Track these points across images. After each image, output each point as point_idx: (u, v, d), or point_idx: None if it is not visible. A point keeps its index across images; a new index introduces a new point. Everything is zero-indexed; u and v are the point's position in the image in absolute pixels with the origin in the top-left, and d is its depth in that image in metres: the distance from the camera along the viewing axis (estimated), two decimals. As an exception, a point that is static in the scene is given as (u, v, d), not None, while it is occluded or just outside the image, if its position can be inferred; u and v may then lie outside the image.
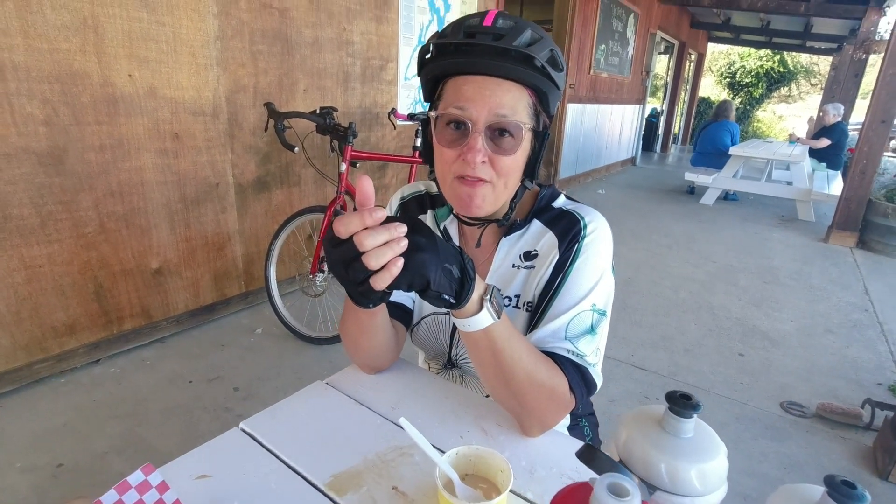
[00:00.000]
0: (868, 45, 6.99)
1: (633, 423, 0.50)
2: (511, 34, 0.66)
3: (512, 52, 0.66)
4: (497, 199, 0.73)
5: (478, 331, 0.62)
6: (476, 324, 0.61)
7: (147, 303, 2.25)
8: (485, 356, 0.65)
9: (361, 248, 0.50)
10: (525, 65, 0.67)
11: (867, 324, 3.02)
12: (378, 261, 0.50)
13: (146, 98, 2.04)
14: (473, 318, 0.61)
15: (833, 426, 2.04)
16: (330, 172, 2.56)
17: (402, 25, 3.26)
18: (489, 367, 0.66)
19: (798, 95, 19.78)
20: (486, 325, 0.61)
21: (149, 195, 2.14)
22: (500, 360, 0.65)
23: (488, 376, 0.68)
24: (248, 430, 0.72)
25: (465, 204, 0.72)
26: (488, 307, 0.61)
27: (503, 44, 0.66)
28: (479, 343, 0.64)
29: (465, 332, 0.63)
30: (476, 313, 0.61)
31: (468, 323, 0.61)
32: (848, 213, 4.60)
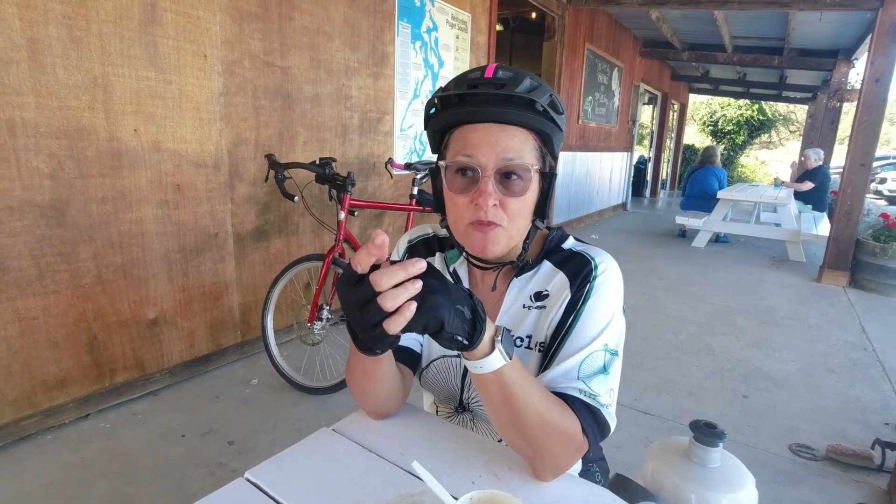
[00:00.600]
0: (841, 94, 7.34)
1: (659, 454, 0.49)
2: (512, 83, 0.70)
3: (514, 99, 0.70)
4: (510, 241, 0.75)
5: (489, 373, 0.61)
6: (488, 365, 0.61)
7: (141, 354, 2.21)
8: (496, 399, 0.65)
9: (378, 287, 0.50)
10: (527, 109, 0.71)
11: (868, 363, 3.00)
12: (394, 302, 0.50)
13: (150, 152, 2.09)
14: (485, 360, 0.60)
15: (845, 468, 1.99)
16: (328, 221, 2.59)
17: (399, 80, 3.40)
18: (501, 410, 0.65)
19: (778, 141, 20.52)
20: (497, 366, 0.61)
21: (148, 245, 2.16)
22: (512, 402, 0.64)
23: (500, 419, 0.67)
24: (253, 480, 0.70)
25: (480, 248, 0.74)
26: (500, 348, 0.60)
27: (506, 91, 0.69)
28: (491, 385, 0.63)
29: (477, 374, 0.62)
30: (487, 355, 0.60)
31: (480, 365, 0.61)
32: (838, 253, 4.67)
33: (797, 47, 7.50)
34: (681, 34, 7.70)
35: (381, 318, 0.52)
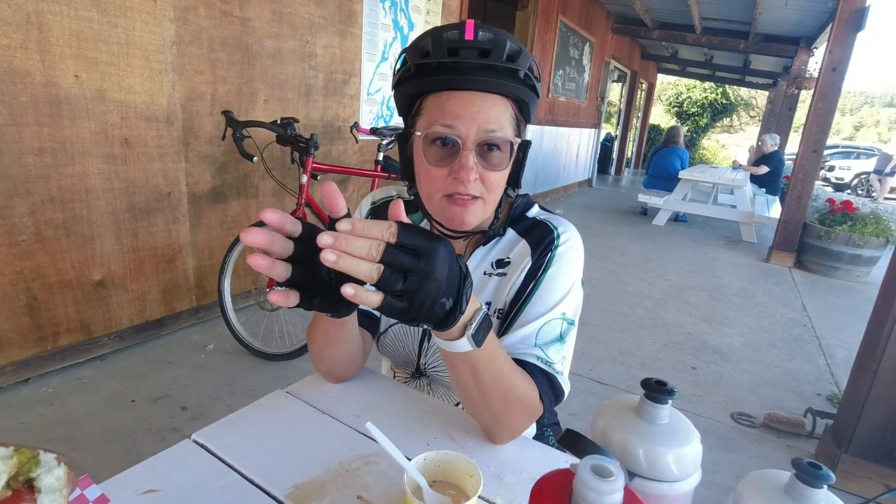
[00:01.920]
0: (799, 82, 7.58)
1: (610, 411, 0.49)
2: (495, 48, 0.65)
3: (498, 67, 0.66)
4: (486, 212, 0.73)
5: (456, 353, 0.59)
6: (454, 347, 0.57)
7: (87, 317, 2.10)
8: (463, 374, 0.63)
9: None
10: (510, 77, 0.67)
11: (807, 339, 3.19)
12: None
13: (94, 101, 1.94)
14: (453, 342, 0.57)
15: (779, 435, 2.12)
16: (290, 184, 2.50)
17: (366, 41, 3.27)
18: (466, 384, 0.64)
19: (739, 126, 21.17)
20: (464, 350, 0.57)
21: (93, 203, 2.02)
22: (478, 378, 0.62)
23: (464, 392, 0.66)
24: (201, 442, 0.67)
25: (459, 222, 0.71)
26: (469, 336, 0.56)
27: (491, 60, 0.65)
28: (458, 363, 0.61)
29: (443, 350, 0.59)
30: (456, 339, 0.57)
31: (445, 344, 0.58)
32: (786, 235, 4.90)
33: (762, 32, 7.65)
34: (653, 12, 7.71)
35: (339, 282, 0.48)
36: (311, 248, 0.49)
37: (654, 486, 0.45)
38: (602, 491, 0.32)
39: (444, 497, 0.56)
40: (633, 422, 0.46)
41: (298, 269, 0.50)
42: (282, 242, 0.48)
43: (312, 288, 0.51)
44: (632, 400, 0.49)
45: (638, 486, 0.45)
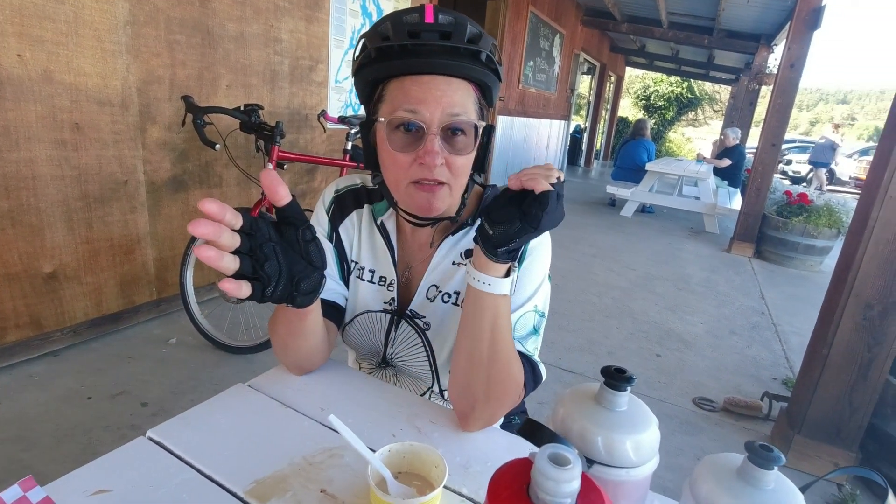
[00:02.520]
0: (760, 78, 7.82)
1: (570, 400, 0.49)
2: (456, 31, 0.65)
3: (460, 50, 0.65)
4: (453, 198, 0.73)
5: (492, 294, 0.63)
6: (497, 286, 0.63)
7: (37, 311, 2.00)
8: (484, 326, 0.65)
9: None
10: (472, 61, 0.67)
11: (764, 326, 3.32)
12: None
13: (40, 82, 1.83)
14: (497, 280, 0.62)
15: (738, 418, 2.21)
16: (255, 173, 2.43)
17: (334, 27, 3.20)
18: (482, 339, 0.65)
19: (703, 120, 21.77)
20: (503, 291, 0.63)
21: (41, 191, 1.92)
22: (496, 334, 0.65)
23: (475, 349, 0.66)
24: (156, 439, 0.64)
25: (426, 208, 0.71)
26: (513, 279, 0.64)
27: (453, 42, 0.64)
28: (486, 310, 0.64)
29: (479, 290, 0.63)
30: (502, 276, 0.63)
31: (489, 281, 0.62)
32: (746, 226, 5.08)
33: (726, 28, 7.86)
34: (621, 5, 7.81)
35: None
36: (259, 239, 0.50)
37: (613, 472, 0.45)
38: (559, 479, 0.32)
39: (408, 488, 0.55)
40: (592, 409, 0.47)
41: (246, 262, 0.49)
42: (228, 234, 0.47)
43: (263, 280, 0.51)
44: (592, 388, 0.50)
45: (596, 472, 0.45)
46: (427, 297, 0.81)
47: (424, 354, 0.83)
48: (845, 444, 1.84)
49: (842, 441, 1.84)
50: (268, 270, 0.50)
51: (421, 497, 0.50)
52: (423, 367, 0.84)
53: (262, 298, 0.52)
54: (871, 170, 1.77)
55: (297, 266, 0.54)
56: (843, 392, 1.81)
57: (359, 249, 0.85)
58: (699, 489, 0.42)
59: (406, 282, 0.83)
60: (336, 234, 0.84)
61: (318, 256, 0.56)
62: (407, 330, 0.83)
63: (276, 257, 0.51)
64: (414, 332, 0.83)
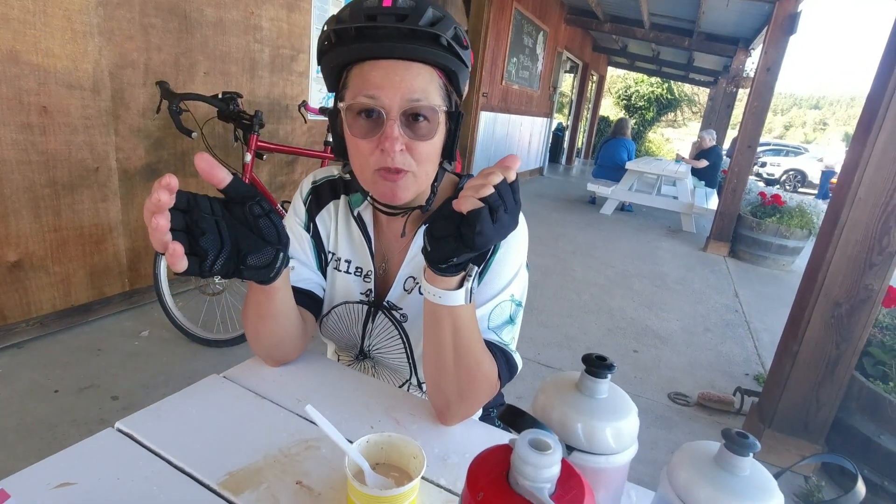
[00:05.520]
0: (737, 81, 7.99)
1: (551, 387, 0.49)
2: (414, 14, 0.63)
3: (418, 33, 0.63)
4: (419, 186, 0.71)
5: (446, 305, 0.61)
6: (448, 299, 0.60)
7: (0, 301, 1.92)
8: (444, 334, 0.63)
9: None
10: (432, 44, 0.65)
11: (737, 323, 3.40)
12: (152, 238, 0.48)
13: (4, 62, 1.76)
14: (448, 293, 0.60)
15: (711, 413, 2.26)
16: (233, 163, 2.38)
17: (316, 16, 3.14)
18: (445, 347, 0.64)
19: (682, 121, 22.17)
20: (456, 303, 0.60)
21: (5, 176, 1.84)
22: (458, 340, 0.63)
23: (440, 356, 0.65)
24: (125, 430, 0.62)
25: (390, 196, 0.69)
26: (466, 291, 0.60)
27: (408, 24, 0.62)
28: (443, 319, 0.62)
29: (433, 304, 0.61)
30: (454, 289, 0.60)
31: (440, 294, 0.60)
32: (722, 226, 5.19)
33: (705, 31, 8.00)
34: (604, 5, 7.88)
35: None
36: (195, 215, 0.51)
37: (592, 459, 0.45)
38: (539, 464, 0.32)
39: (386, 479, 0.55)
40: (572, 397, 0.46)
41: (180, 237, 0.50)
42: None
43: (199, 254, 0.51)
44: (572, 376, 0.50)
45: (576, 459, 0.45)
46: (404, 288, 0.80)
47: (402, 346, 0.82)
48: (812, 437, 1.90)
49: (809, 435, 1.90)
50: (203, 245, 0.51)
51: (399, 488, 0.50)
52: (400, 359, 0.83)
53: (202, 272, 0.52)
54: (841, 174, 1.82)
55: (245, 241, 0.56)
56: (811, 387, 1.86)
57: (336, 240, 0.83)
58: (677, 476, 0.43)
59: (383, 273, 0.82)
60: (313, 225, 0.82)
61: (270, 232, 0.57)
62: (384, 322, 0.82)
63: (216, 232, 0.52)
64: (391, 324, 0.82)
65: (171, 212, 0.48)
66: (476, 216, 0.52)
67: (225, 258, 0.53)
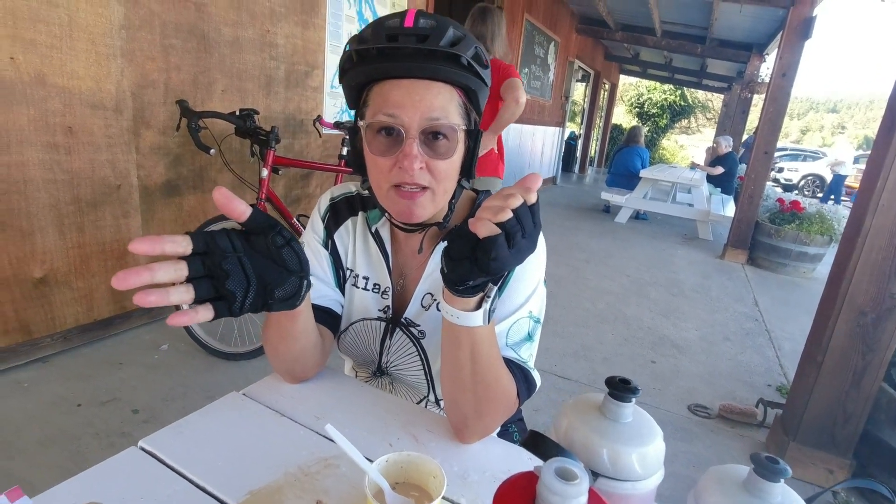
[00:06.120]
0: (752, 86, 7.90)
1: (574, 410, 0.49)
2: (435, 34, 0.64)
3: (438, 53, 0.64)
4: (437, 203, 0.71)
5: (464, 326, 0.60)
6: (466, 320, 0.59)
7: (26, 317, 1.97)
8: (462, 354, 0.63)
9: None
10: (452, 64, 0.66)
11: (757, 332, 3.34)
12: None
13: (32, 85, 1.82)
14: (466, 314, 0.59)
15: (733, 425, 2.21)
16: (249, 178, 2.42)
17: (330, 33, 3.20)
18: (462, 366, 0.63)
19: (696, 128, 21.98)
20: (475, 325, 0.59)
21: (32, 194, 1.89)
22: (477, 359, 0.63)
23: (457, 375, 0.65)
24: (148, 449, 0.63)
25: (407, 214, 0.70)
26: (485, 312, 0.59)
27: (429, 45, 0.63)
28: (462, 340, 0.62)
29: (451, 324, 0.60)
30: (472, 310, 0.59)
31: (458, 315, 0.59)
32: (739, 233, 5.11)
33: (718, 38, 7.95)
34: (616, 13, 7.88)
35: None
36: (217, 257, 0.49)
37: (618, 485, 0.45)
38: (566, 495, 0.32)
39: (406, 499, 0.54)
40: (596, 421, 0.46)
41: (204, 285, 0.49)
42: (169, 269, 0.46)
43: (227, 298, 0.50)
44: (595, 399, 0.49)
45: (602, 486, 0.45)
46: (422, 305, 0.80)
47: (419, 363, 0.82)
48: (840, 451, 1.85)
49: (836, 448, 1.85)
50: (230, 287, 0.50)
51: (419, 508, 0.50)
52: (418, 375, 0.83)
53: (232, 314, 0.51)
54: (864, 178, 1.79)
55: (269, 273, 0.54)
56: (837, 399, 1.81)
57: (354, 257, 0.84)
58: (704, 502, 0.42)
59: (401, 289, 0.83)
60: (332, 242, 0.83)
61: (293, 261, 0.55)
62: (402, 338, 0.82)
63: (241, 270, 0.51)
64: (409, 341, 0.82)
65: (190, 258, 0.48)
66: (492, 243, 0.51)
67: (253, 296, 0.52)
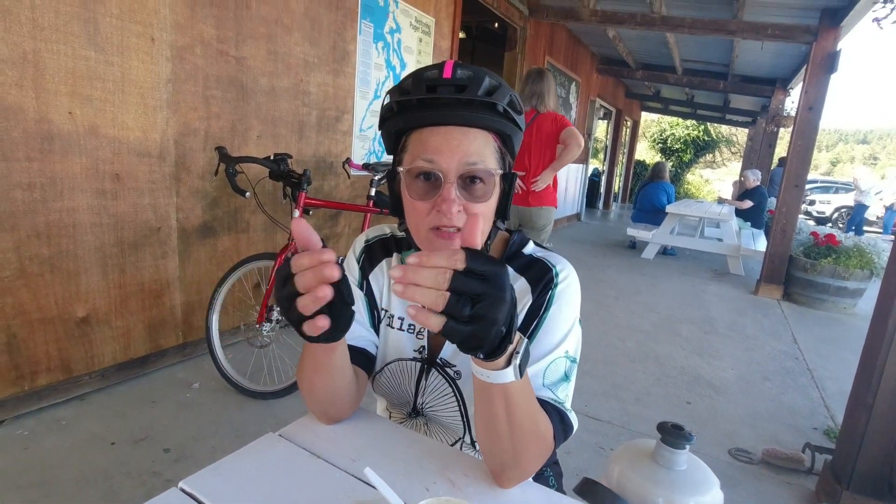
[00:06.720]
0: (777, 120, 7.85)
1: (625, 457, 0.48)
2: (473, 84, 0.67)
3: (475, 102, 0.67)
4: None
5: (496, 384, 0.58)
6: (497, 378, 0.57)
7: (68, 355, 2.04)
8: (497, 407, 0.61)
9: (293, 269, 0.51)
10: (489, 111, 0.69)
11: (798, 371, 3.19)
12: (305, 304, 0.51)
13: (86, 136, 1.94)
14: (496, 373, 0.56)
15: (778, 471, 2.09)
16: (281, 219, 2.50)
17: (359, 80, 3.35)
18: (497, 419, 0.62)
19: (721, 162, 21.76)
20: (506, 381, 0.57)
21: (80, 238, 2.00)
22: (511, 412, 0.61)
23: (492, 426, 0.63)
24: (188, 490, 0.64)
25: None
26: (515, 367, 0.56)
27: (467, 95, 0.67)
28: (494, 396, 0.60)
29: (482, 382, 0.59)
30: (501, 369, 0.56)
31: (487, 374, 0.57)
32: (773, 268, 4.96)
33: (740, 74, 7.98)
34: (636, 54, 8.02)
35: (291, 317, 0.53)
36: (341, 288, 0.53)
37: (676, 536, 0.43)
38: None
39: (445, 546, 0.54)
40: (649, 468, 0.45)
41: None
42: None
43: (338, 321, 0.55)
44: (647, 445, 0.48)
45: (658, 536, 0.43)
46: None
47: (455, 404, 0.82)
48: (898, 501, 1.72)
49: (894, 498, 1.72)
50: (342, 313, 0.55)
51: (459, 556, 0.49)
52: (454, 417, 0.83)
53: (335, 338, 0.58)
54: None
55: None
56: (892, 444, 1.71)
57: (389, 297, 0.85)
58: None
59: None
60: (367, 283, 0.85)
61: (349, 292, 0.57)
62: (437, 379, 0.82)
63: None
64: (444, 382, 0.82)
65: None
66: (448, 334, 0.48)
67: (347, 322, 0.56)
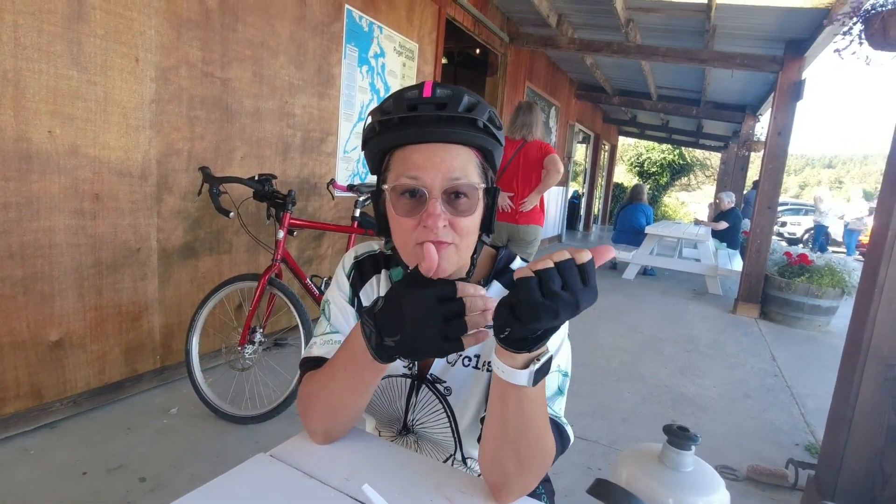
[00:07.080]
0: (748, 145, 8.15)
1: (632, 460, 0.48)
2: (452, 102, 0.69)
3: (456, 119, 0.69)
4: (461, 258, 0.73)
5: (512, 384, 0.59)
6: (511, 376, 0.59)
7: (38, 381, 1.96)
8: (509, 410, 0.62)
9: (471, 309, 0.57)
10: (469, 127, 0.70)
11: (779, 388, 3.24)
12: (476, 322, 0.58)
13: (66, 156, 1.91)
14: (511, 370, 0.59)
15: (763, 488, 2.10)
16: (265, 240, 2.47)
17: (344, 102, 3.38)
18: (508, 422, 0.63)
19: (696, 185, 22.41)
20: (519, 383, 0.59)
21: (56, 259, 1.94)
22: (522, 417, 0.62)
23: (502, 430, 0.64)
24: (174, 514, 0.62)
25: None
26: (530, 373, 0.58)
27: (448, 112, 0.68)
28: (508, 396, 0.61)
29: (500, 378, 0.61)
30: (518, 369, 0.58)
31: (504, 369, 0.59)
32: (750, 287, 5.08)
33: (712, 100, 8.29)
34: (612, 80, 8.29)
35: (460, 333, 0.57)
36: None
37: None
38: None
39: (445, 565, 0.52)
40: (658, 470, 0.45)
41: None
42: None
43: None
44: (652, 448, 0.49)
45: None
46: (447, 360, 0.80)
47: (446, 420, 0.81)
48: (881, 515, 1.74)
49: (877, 512, 1.74)
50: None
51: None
52: (445, 433, 0.82)
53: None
54: (874, 232, 1.81)
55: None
56: (872, 458, 1.73)
57: (379, 313, 0.85)
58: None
59: None
60: (357, 300, 0.85)
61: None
62: (428, 395, 0.82)
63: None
64: (435, 398, 0.81)
65: None
66: (522, 284, 0.53)
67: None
